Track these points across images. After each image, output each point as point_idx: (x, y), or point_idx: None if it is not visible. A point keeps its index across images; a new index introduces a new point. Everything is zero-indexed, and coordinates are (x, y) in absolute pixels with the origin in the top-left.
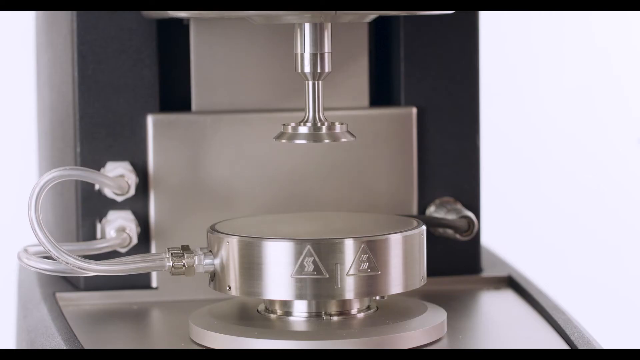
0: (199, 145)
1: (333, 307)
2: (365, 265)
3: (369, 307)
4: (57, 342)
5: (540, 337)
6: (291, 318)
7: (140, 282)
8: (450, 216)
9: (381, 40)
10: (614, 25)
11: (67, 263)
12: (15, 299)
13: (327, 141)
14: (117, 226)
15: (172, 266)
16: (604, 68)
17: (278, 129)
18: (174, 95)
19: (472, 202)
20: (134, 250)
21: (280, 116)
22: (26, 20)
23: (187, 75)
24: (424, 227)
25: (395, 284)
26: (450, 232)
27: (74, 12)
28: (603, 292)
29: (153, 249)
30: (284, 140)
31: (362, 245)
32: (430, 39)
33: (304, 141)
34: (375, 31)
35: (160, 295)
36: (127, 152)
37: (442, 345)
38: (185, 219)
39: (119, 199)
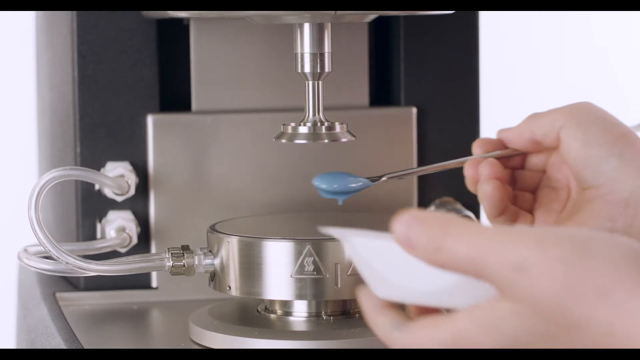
0: (199, 145)
1: (333, 307)
2: None
3: None
4: (57, 342)
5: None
6: (291, 318)
7: (140, 282)
8: None
9: (381, 40)
10: (614, 25)
11: (67, 263)
12: (15, 299)
13: (327, 141)
14: (117, 226)
15: (172, 266)
16: (604, 68)
17: (278, 129)
18: (174, 95)
19: (472, 202)
20: (134, 250)
21: (280, 116)
22: (26, 20)
23: (187, 75)
24: None
25: None
26: None
27: (74, 12)
28: None
29: (153, 249)
30: (284, 140)
31: None
32: (430, 39)
33: (304, 141)
34: (375, 31)
35: (160, 295)
36: (127, 152)
37: None
38: (185, 219)
39: (119, 199)
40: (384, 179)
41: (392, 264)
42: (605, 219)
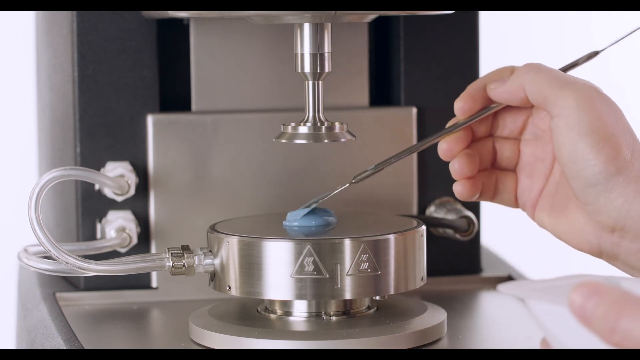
0: (199, 145)
1: (333, 307)
2: (365, 265)
3: (369, 307)
4: (57, 342)
5: (540, 337)
6: (291, 318)
7: (140, 282)
8: (450, 216)
9: (381, 40)
10: (614, 26)
11: (67, 263)
12: (15, 299)
13: (327, 141)
14: (117, 226)
15: (172, 266)
16: (604, 68)
17: (278, 129)
18: (174, 95)
19: (472, 202)
20: (134, 250)
21: (280, 116)
22: (26, 20)
23: (187, 75)
24: (424, 227)
25: (395, 284)
26: (450, 232)
27: (74, 12)
28: None
29: (153, 249)
30: (284, 140)
31: (362, 245)
32: (430, 39)
33: (304, 141)
34: (375, 31)
35: (160, 295)
36: (127, 152)
37: (442, 345)
38: (185, 219)
39: (119, 199)
40: (352, 181)
41: (569, 330)
42: (593, 236)
